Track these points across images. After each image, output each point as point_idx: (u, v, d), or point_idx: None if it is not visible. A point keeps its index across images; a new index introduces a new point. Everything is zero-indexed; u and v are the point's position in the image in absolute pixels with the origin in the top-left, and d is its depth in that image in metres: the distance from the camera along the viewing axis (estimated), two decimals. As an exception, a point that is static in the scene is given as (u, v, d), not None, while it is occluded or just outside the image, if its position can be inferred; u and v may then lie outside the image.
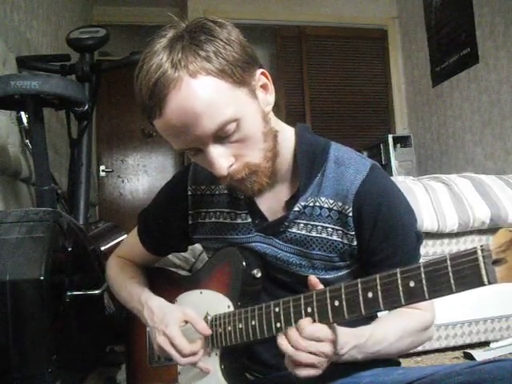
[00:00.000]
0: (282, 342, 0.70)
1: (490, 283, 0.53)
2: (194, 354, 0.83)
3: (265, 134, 0.76)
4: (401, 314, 0.83)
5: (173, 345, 0.82)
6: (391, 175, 3.36)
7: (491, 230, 1.83)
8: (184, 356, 0.82)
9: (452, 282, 0.55)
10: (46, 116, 1.57)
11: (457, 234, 1.81)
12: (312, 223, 0.83)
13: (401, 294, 0.60)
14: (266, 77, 0.79)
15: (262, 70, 0.78)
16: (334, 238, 0.83)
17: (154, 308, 0.89)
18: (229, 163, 0.73)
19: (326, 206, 0.82)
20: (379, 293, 0.62)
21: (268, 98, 0.79)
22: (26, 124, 1.90)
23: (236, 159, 0.74)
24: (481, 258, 0.53)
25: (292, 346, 0.69)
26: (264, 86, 0.78)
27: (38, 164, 1.56)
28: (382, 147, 3.71)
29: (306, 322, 0.68)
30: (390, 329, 0.81)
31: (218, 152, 0.72)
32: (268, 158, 0.77)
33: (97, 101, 2.21)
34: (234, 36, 0.73)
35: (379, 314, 0.75)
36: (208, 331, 0.84)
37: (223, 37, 0.71)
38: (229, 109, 0.70)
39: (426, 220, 1.73)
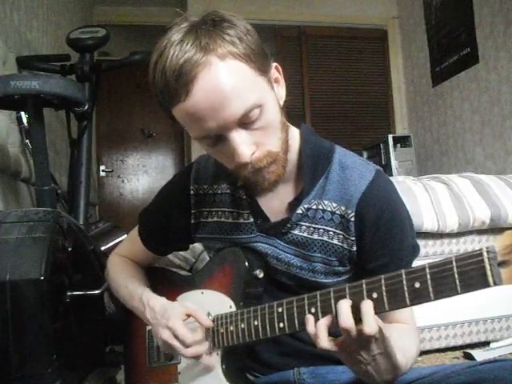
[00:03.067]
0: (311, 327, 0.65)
1: (495, 285, 0.53)
2: (196, 343, 0.82)
3: (282, 124, 0.77)
4: (400, 331, 0.78)
5: (176, 336, 0.82)
6: (391, 175, 3.36)
7: (491, 230, 1.82)
8: (187, 346, 0.82)
9: (457, 283, 0.55)
10: (46, 116, 1.57)
11: (457, 234, 1.80)
12: (314, 226, 0.83)
13: (406, 294, 0.60)
14: (279, 71, 0.81)
15: (275, 63, 0.79)
16: (335, 241, 0.83)
17: (156, 307, 0.88)
18: (251, 151, 0.72)
19: (328, 209, 0.82)
20: (384, 293, 0.62)
21: (281, 91, 0.81)
22: (25, 124, 1.90)
23: (257, 147, 0.73)
24: (486, 260, 0.53)
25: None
26: (277, 80, 0.80)
27: (37, 164, 1.56)
28: (381, 147, 3.70)
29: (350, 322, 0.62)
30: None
31: (241, 138, 0.71)
32: (284, 149, 0.78)
33: (97, 101, 2.21)
34: (250, 28, 0.74)
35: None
36: (209, 323, 0.84)
37: (243, 26, 0.72)
38: (255, 93, 0.71)
39: (426, 220, 1.73)
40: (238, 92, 0.68)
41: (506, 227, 1.77)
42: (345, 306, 0.63)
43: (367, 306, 0.62)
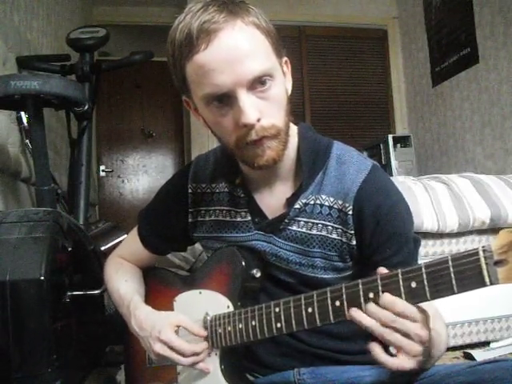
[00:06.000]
0: (359, 315, 0.62)
1: (491, 284, 0.53)
2: (195, 353, 0.83)
3: (286, 110, 0.78)
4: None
5: (172, 348, 0.82)
6: (391, 175, 3.36)
7: (491, 230, 1.82)
8: (186, 356, 0.82)
9: (454, 282, 0.55)
10: (46, 116, 1.57)
11: (457, 233, 1.81)
12: (312, 221, 0.83)
13: (402, 294, 0.60)
14: (288, 66, 0.82)
15: (286, 58, 0.81)
16: (334, 236, 0.83)
17: (141, 317, 0.88)
18: (258, 115, 0.73)
19: (326, 203, 0.83)
20: (381, 293, 0.62)
21: (288, 84, 0.81)
22: (25, 124, 1.90)
23: (263, 117, 0.74)
24: (483, 259, 0.53)
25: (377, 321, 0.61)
26: (285, 73, 0.81)
27: (38, 164, 1.56)
28: (381, 147, 3.70)
29: (391, 298, 0.60)
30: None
31: (250, 101, 0.72)
32: (286, 131, 0.79)
33: (97, 101, 2.21)
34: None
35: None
36: (203, 333, 0.84)
37: (261, 11, 0.77)
38: (270, 63, 0.74)
39: (426, 220, 1.73)
40: (255, 54, 0.72)
41: (505, 227, 1.76)
42: (389, 297, 0.61)
43: (386, 297, 0.61)
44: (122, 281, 1.00)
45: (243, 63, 0.70)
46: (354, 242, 0.82)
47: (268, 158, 0.76)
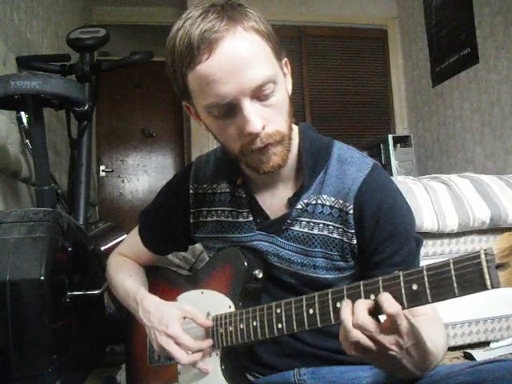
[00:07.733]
0: (346, 313, 0.62)
1: (493, 287, 0.52)
2: (200, 350, 0.83)
3: (289, 113, 0.78)
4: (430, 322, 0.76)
5: (178, 344, 0.82)
6: (391, 175, 3.35)
7: (491, 230, 1.82)
8: (192, 353, 0.82)
9: (455, 285, 0.55)
10: (45, 116, 1.57)
11: (457, 233, 1.80)
12: (314, 221, 0.83)
13: (404, 296, 0.60)
14: (287, 67, 0.82)
15: (286, 59, 0.81)
16: (335, 235, 0.83)
17: (149, 307, 0.89)
18: (262, 123, 0.73)
19: (327, 203, 0.83)
20: None
21: (288, 85, 0.81)
22: (26, 124, 1.90)
23: (267, 124, 0.74)
24: (484, 263, 0.53)
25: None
26: (285, 74, 0.81)
27: (38, 164, 1.56)
28: (381, 147, 3.70)
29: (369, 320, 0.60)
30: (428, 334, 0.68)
31: (254, 109, 0.72)
32: (290, 135, 0.79)
33: (97, 101, 2.21)
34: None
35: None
36: (208, 323, 0.84)
37: (259, 14, 0.76)
38: (272, 69, 0.74)
39: (426, 220, 1.73)
40: (258, 62, 0.71)
41: (505, 227, 1.77)
42: (388, 295, 0.60)
43: (384, 295, 0.60)
44: (127, 275, 1.00)
45: (246, 72, 0.70)
46: (355, 241, 0.82)
47: (273, 164, 0.77)
